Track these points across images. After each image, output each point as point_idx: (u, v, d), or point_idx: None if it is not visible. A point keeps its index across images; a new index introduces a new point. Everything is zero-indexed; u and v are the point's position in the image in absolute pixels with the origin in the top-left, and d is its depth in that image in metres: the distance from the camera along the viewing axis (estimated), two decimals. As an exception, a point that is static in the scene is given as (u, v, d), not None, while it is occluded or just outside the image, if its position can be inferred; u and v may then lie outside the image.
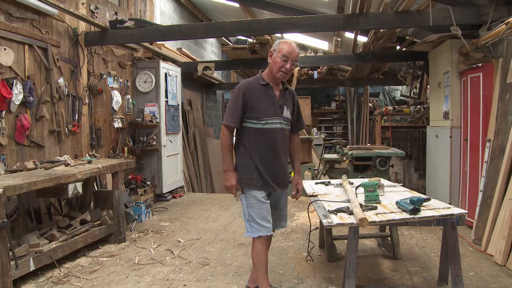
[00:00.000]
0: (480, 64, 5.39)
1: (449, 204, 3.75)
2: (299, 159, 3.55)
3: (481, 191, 5.01)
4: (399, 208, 3.13)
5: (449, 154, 6.18)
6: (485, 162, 5.03)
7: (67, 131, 5.68)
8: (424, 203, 3.14)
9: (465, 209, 4.78)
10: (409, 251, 4.67)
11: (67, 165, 4.67)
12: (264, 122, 3.22)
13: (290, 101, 3.40)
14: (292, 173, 3.59)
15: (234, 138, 3.39)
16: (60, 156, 5.31)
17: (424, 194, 3.86)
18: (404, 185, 4.62)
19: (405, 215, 2.95)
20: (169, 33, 6.26)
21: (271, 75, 3.26)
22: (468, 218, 5.24)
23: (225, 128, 3.26)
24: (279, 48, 3.19)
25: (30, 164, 4.49)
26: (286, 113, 3.32)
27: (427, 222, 2.97)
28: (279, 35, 10.60)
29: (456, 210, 3.02)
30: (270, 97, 3.26)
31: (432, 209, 3.06)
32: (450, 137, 6.15)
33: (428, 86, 8.49)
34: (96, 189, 5.95)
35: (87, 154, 5.93)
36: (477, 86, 5.44)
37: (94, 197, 5.56)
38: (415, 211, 2.95)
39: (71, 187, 4.44)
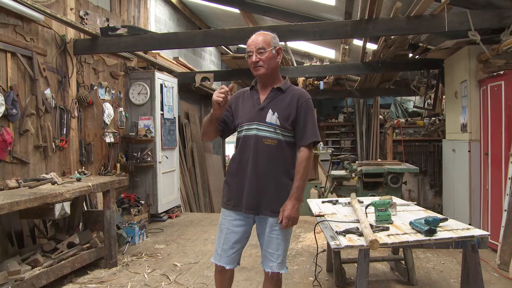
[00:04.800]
0: (501, 72, 5.35)
1: (469, 224, 3.70)
2: (299, 180, 2.88)
3: (505, 210, 4.93)
4: (413, 229, 3.08)
5: (468, 169, 6.10)
6: (509, 178, 4.96)
7: (54, 146, 5.63)
8: (441, 224, 3.09)
9: (487, 231, 4.69)
10: (425, 276, 4.60)
11: (54, 183, 4.63)
12: (241, 129, 3.01)
13: (287, 105, 2.95)
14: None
15: None
16: (46, 174, 5.26)
17: (441, 214, 3.81)
18: (418, 204, 4.56)
19: (420, 237, 2.90)
20: (164, 41, 6.25)
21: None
22: (491, 240, 5.16)
23: None
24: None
25: (12, 183, 4.43)
26: (272, 118, 2.91)
27: (444, 245, 2.91)
28: (282, 43, 10.63)
29: (477, 232, 2.96)
30: (253, 100, 3.03)
31: (450, 230, 3.01)
32: (469, 151, 6.09)
33: (444, 97, 8.44)
34: (86, 209, 5.90)
35: (76, 171, 5.88)
36: (498, 95, 5.40)
37: (83, 218, 5.50)
38: (431, 232, 2.90)
39: (58, 207, 4.39)
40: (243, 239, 3.06)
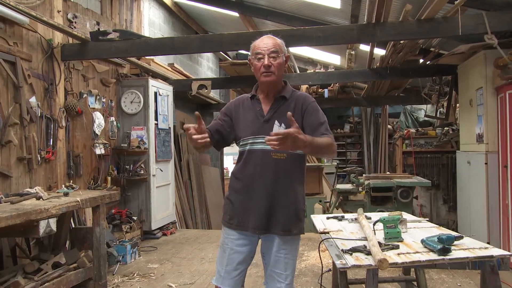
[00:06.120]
0: (521, 78, 5.33)
1: (488, 243, 3.63)
2: (318, 139, 2.68)
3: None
4: (426, 247, 3.01)
5: (485, 183, 6.05)
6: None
7: (39, 158, 5.60)
8: (455, 242, 3.02)
9: (508, 250, 4.62)
10: (439, 299, 4.54)
11: (38, 198, 4.56)
12: (245, 143, 2.92)
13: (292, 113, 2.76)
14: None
15: None
16: (30, 188, 5.18)
17: (456, 231, 3.76)
18: (430, 220, 4.50)
19: (433, 256, 2.83)
20: (159, 46, 6.25)
21: (260, 85, 2.99)
22: (514, 261, 5.09)
23: None
24: (251, 51, 2.93)
25: (-8, 198, 4.40)
26: (280, 130, 2.76)
27: (460, 265, 2.84)
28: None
29: (496, 251, 2.89)
30: (255, 111, 2.96)
31: (466, 249, 2.94)
32: (486, 163, 6.04)
33: (458, 105, 8.42)
34: (73, 226, 5.85)
35: (63, 185, 5.82)
36: (518, 103, 5.37)
37: (70, 236, 5.46)
38: (445, 251, 2.83)
39: (43, 224, 4.33)
40: (247, 259, 3.01)
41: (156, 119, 7.81)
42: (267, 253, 2.97)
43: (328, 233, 3.73)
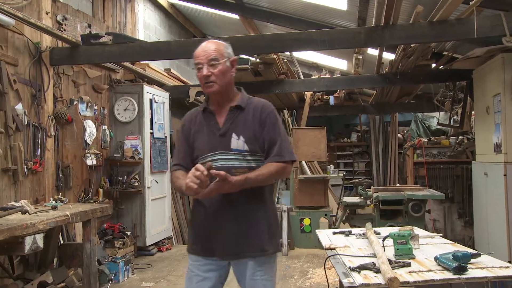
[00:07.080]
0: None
1: (509, 262, 3.58)
2: (256, 174, 2.67)
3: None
4: (439, 265, 2.97)
5: (504, 196, 5.99)
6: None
7: (26, 169, 5.56)
8: (472, 260, 2.97)
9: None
10: (455, 321, 4.47)
11: (24, 212, 4.54)
12: (204, 161, 2.74)
13: (250, 124, 2.82)
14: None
15: None
16: (15, 201, 5.15)
17: (472, 248, 3.71)
18: (444, 236, 4.45)
19: (448, 275, 2.79)
20: (155, 51, 6.25)
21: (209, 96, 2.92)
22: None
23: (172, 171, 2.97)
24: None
25: (-27, 212, 4.37)
26: (239, 143, 2.76)
27: (478, 285, 2.79)
28: (288, 53, 10.62)
29: (519, 271, 2.85)
30: (209, 125, 2.86)
31: (484, 267, 2.89)
32: (505, 175, 5.98)
33: (473, 112, 8.40)
34: (62, 242, 5.83)
35: (51, 198, 5.81)
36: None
37: (58, 252, 5.46)
38: (461, 269, 2.79)
39: (28, 240, 4.31)
40: (218, 285, 2.87)
41: (151, 127, 7.79)
42: (241, 278, 2.84)
43: (334, 249, 3.69)
